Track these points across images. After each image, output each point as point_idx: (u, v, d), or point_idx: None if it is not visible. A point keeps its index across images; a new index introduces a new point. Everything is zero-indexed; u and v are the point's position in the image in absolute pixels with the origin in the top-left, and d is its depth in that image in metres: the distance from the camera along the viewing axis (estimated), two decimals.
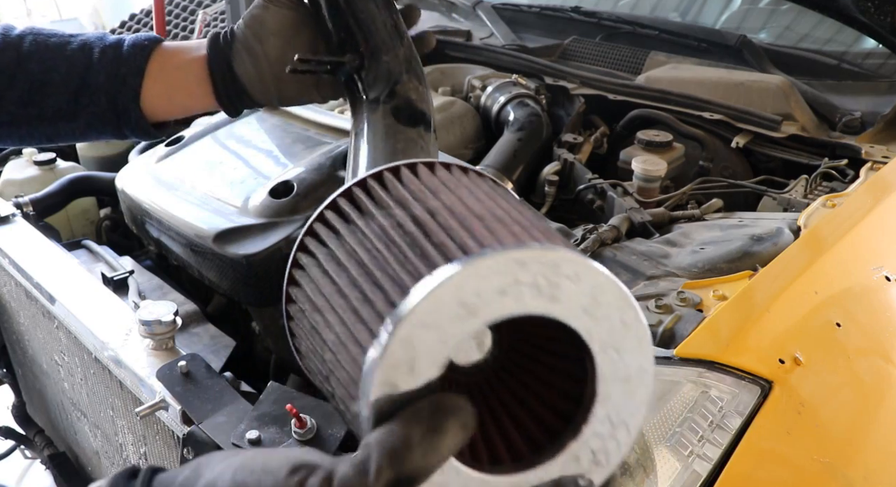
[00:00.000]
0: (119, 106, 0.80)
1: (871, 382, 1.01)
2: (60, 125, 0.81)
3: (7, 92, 0.79)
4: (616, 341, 0.44)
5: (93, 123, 0.82)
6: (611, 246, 1.21)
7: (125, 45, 0.81)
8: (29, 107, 0.80)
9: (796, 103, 1.63)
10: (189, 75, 0.82)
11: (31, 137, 0.83)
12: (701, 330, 0.92)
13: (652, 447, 0.76)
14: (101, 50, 0.81)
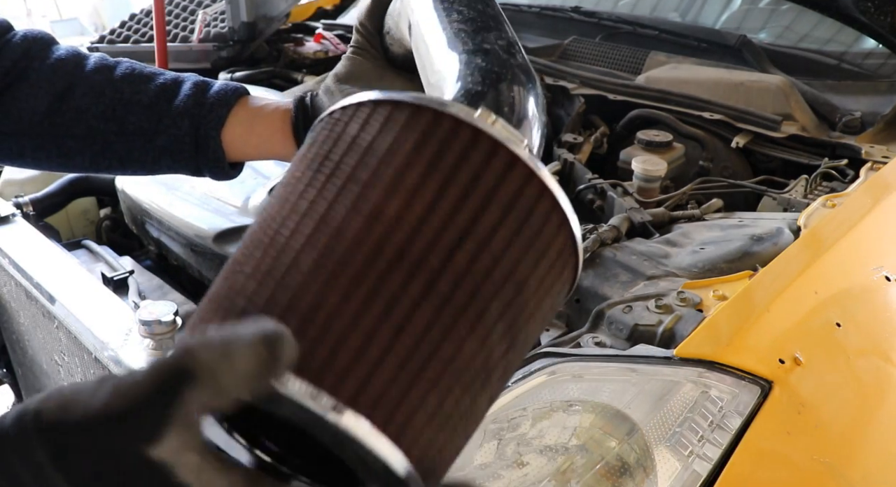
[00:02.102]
0: (200, 132, 0.80)
1: (871, 382, 1.01)
2: (136, 143, 0.80)
3: (92, 106, 0.79)
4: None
5: (169, 147, 0.80)
6: (611, 246, 1.21)
7: (217, 84, 0.82)
8: (110, 122, 0.79)
9: (796, 103, 1.63)
10: (272, 120, 0.82)
11: (103, 156, 0.81)
12: (701, 330, 0.92)
13: (652, 447, 0.76)
14: (194, 82, 0.82)
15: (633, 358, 0.90)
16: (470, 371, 0.35)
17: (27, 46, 0.81)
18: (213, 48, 2.13)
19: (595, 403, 0.81)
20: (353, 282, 0.34)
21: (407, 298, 0.34)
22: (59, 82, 0.79)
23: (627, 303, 1.04)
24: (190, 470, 0.32)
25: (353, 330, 0.33)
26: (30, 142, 0.80)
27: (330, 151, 0.38)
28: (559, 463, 0.75)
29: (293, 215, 0.37)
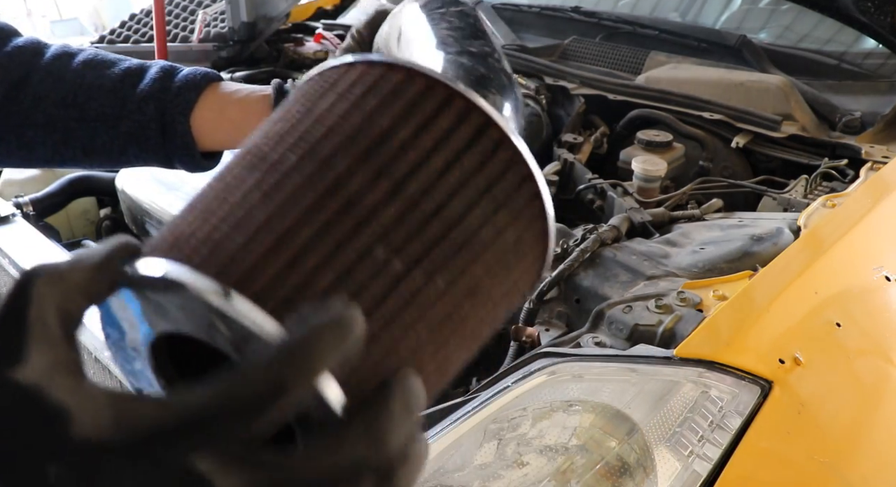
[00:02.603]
0: (167, 117, 0.75)
1: (871, 382, 1.01)
2: (99, 130, 0.76)
3: (51, 93, 0.75)
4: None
5: (135, 134, 0.76)
6: (611, 246, 1.21)
7: (186, 69, 0.78)
8: (70, 108, 0.75)
9: (796, 103, 1.63)
10: (245, 105, 0.77)
11: (66, 145, 0.77)
12: (701, 330, 0.92)
13: (652, 447, 0.76)
14: (161, 67, 0.77)
15: (633, 358, 0.90)
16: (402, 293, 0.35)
17: None
18: (213, 48, 2.13)
19: (595, 403, 0.81)
20: (287, 201, 0.34)
21: (343, 223, 0.34)
22: (16, 71, 0.76)
23: (627, 303, 1.04)
24: (62, 390, 0.30)
25: (277, 238, 0.33)
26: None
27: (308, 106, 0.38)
28: (559, 463, 0.74)
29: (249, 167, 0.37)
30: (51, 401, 0.30)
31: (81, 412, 0.30)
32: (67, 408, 0.30)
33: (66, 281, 0.31)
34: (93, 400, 0.30)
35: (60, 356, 0.31)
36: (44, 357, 0.30)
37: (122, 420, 0.30)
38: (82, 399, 0.30)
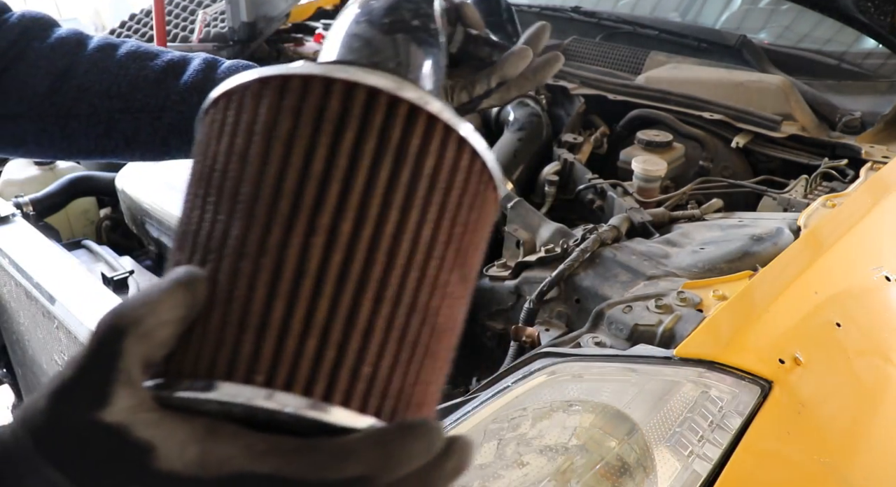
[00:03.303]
0: None
1: (871, 382, 1.01)
2: (143, 122, 0.75)
3: (95, 84, 0.75)
4: None
5: (177, 124, 0.76)
6: (611, 246, 1.21)
7: (228, 62, 0.78)
8: (114, 100, 0.75)
9: (796, 103, 1.63)
10: None
11: (109, 136, 0.77)
12: (701, 330, 0.92)
13: (652, 447, 0.76)
14: (204, 59, 0.77)
15: (633, 358, 0.90)
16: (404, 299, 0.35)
17: (25, 26, 0.77)
18: (213, 48, 2.13)
19: (595, 403, 0.81)
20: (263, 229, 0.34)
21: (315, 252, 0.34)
22: (60, 61, 0.76)
23: (627, 303, 1.04)
24: (146, 426, 0.32)
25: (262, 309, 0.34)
26: (31, 126, 0.76)
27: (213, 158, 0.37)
28: (559, 463, 0.75)
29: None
30: (135, 437, 0.32)
31: (166, 447, 0.32)
32: (152, 444, 0.32)
33: (153, 338, 0.33)
34: (177, 436, 0.32)
35: (144, 397, 0.33)
36: (129, 399, 0.32)
37: (208, 461, 0.32)
38: (167, 434, 0.32)
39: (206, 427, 0.32)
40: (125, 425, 0.32)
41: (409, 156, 0.35)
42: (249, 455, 0.32)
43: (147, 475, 0.32)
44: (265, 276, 0.33)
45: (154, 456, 0.32)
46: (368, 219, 0.34)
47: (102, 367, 0.32)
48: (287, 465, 0.32)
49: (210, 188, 0.36)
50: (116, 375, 0.32)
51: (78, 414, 0.32)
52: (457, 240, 0.37)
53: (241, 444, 0.32)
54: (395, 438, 0.33)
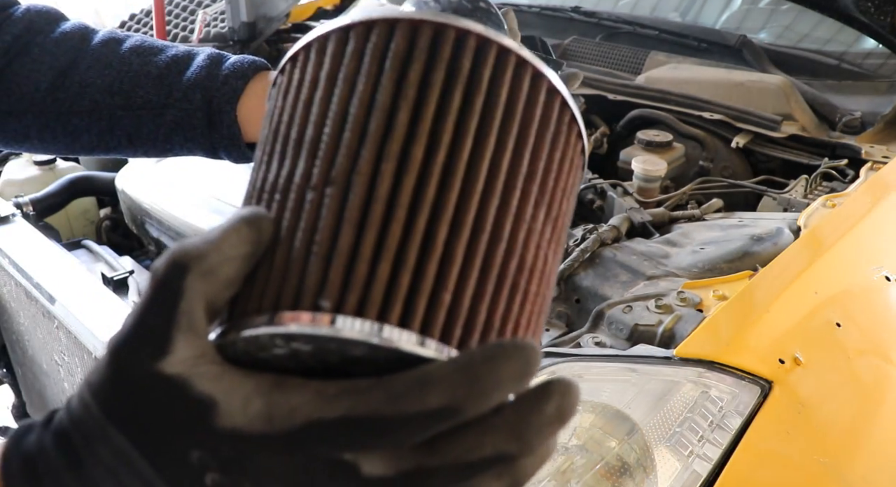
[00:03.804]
0: (213, 106, 0.73)
1: (871, 382, 1.01)
2: (145, 118, 0.74)
3: (97, 80, 0.74)
4: None
5: (180, 122, 0.74)
6: (611, 246, 1.21)
7: (233, 57, 0.76)
8: (116, 96, 0.74)
9: (796, 103, 1.63)
10: None
11: (111, 133, 0.76)
12: (701, 330, 0.92)
13: (652, 447, 0.77)
14: (208, 54, 0.76)
15: (633, 358, 0.90)
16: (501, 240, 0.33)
17: (30, 20, 0.76)
18: (212, 48, 2.13)
19: (595, 403, 0.81)
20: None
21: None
22: (63, 57, 0.75)
23: (627, 303, 1.04)
24: (208, 379, 0.30)
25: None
26: (34, 121, 0.75)
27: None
28: (559, 463, 0.75)
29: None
30: (196, 392, 0.30)
31: (229, 402, 0.29)
32: (214, 399, 0.30)
33: (217, 275, 0.31)
34: (240, 391, 0.30)
35: (206, 347, 0.31)
36: (190, 349, 0.30)
37: (275, 414, 0.29)
38: (229, 388, 0.30)
39: (272, 381, 0.30)
40: (185, 377, 0.30)
41: (481, 84, 0.33)
42: (319, 401, 0.29)
43: (209, 433, 0.29)
44: (332, 204, 0.31)
45: (216, 413, 0.29)
46: (441, 145, 0.32)
47: (163, 309, 0.30)
48: (360, 404, 0.28)
49: (275, 143, 0.35)
50: (177, 318, 0.30)
51: (137, 366, 0.30)
52: (540, 175, 0.35)
53: (309, 391, 0.29)
54: (481, 360, 0.28)
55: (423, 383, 0.28)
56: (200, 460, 0.30)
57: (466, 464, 0.29)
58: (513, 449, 0.29)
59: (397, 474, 0.29)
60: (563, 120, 0.36)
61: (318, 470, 0.29)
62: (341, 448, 0.29)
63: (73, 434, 0.32)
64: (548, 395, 0.30)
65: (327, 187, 0.32)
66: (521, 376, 0.29)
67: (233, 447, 0.29)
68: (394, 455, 0.29)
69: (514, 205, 0.33)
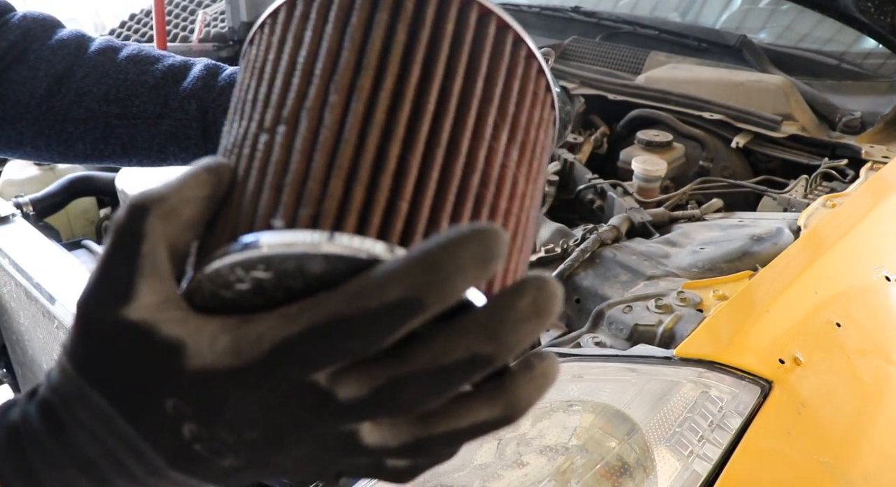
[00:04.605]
0: (209, 117, 0.74)
1: (871, 382, 1.01)
2: (140, 128, 0.75)
3: (93, 88, 0.74)
4: None
5: (175, 133, 0.74)
6: (611, 246, 1.22)
7: (229, 69, 0.76)
8: (112, 105, 0.74)
9: (796, 103, 1.63)
10: None
11: (106, 142, 0.76)
12: (701, 330, 0.93)
13: (652, 447, 0.77)
14: (205, 65, 0.76)
15: (633, 358, 0.90)
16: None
17: (27, 27, 0.76)
18: (212, 48, 2.13)
19: (595, 403, 0.81)
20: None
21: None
22: (59, 64, 0.75)
23: (627, 303, 1.04)
24: (173, 323, 0.29)
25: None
26: (28, 128, 0.75)
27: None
28: (559, 463, 0.75)
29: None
30: (163, 336, 0.29)
31: (196, 342, 0.29)
32: (181, 341, 0.29)
33: (178, 216, 0.31)
34: (207, 329, 0.29)
35: (171, 291, 0.30)
36: (154, 294, 0.30)
37: (241, 345, 0.29)
38: (195, 329, 0.29)
39: (238, 318, 0.30)
40: (151, 323, 0.29)
41: (426, 20, 0.34)
42: (283, 321, 0.28)
43: (179, 377, 0.29)
44: (284, 141, 0.32)
45: (185, 354, 0.29)
46: (388, 74, 0.32)
47: (124, 255, 0.30)
48: (321, 311, 0.28)
49: (237, 110, 0.35)
50: (139, 263, 0.30)
51: (102, 316, 0.30)
52: (497, 100, 0.35)
53: (273, 316, 0.29)
54: (437, 247, 0.27)
55: (380, 278, 0.27)
56: (176, 408, 0.30)
57: (439, 369, 0.28)
58: (487, 349, 0.28)
59: (371, 391, 0.29)
60: (518, 53, 0.37)
61: (293, 402, 0.29)
62: (311, 367, 0.28)
63: (53, 400, 0.32)
64: (521, 291, 0.28)
65: (278, 126, 0.32)
66: (484, 259, 0.27)
67: (205, 388, 0.29)
68: (365, 373, 0.29)
69: (469, 123, 0.33)
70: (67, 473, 0.31)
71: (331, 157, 0.31)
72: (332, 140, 0.31)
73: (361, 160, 0.31)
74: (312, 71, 0.33)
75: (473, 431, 0.31)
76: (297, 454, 0.31)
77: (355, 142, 0.31)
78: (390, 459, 0.32)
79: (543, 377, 0.31)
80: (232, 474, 0.32)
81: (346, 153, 0.31)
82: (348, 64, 0.33)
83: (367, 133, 0.31)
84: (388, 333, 0.27)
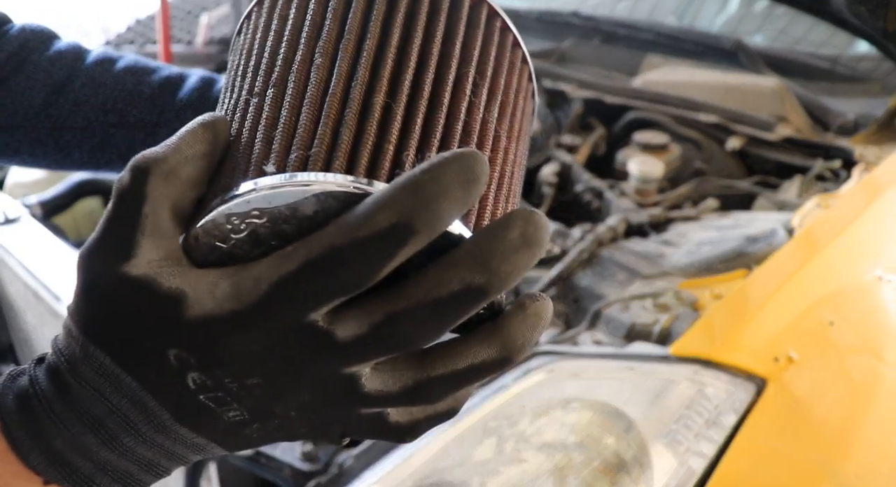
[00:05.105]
0: None
1: (863, 380, 1.02)
2: (137, 137, 0.76)
3: (91, 98, 0.76)
4: None
5: None
6: (608, 247, 1.23)
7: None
8: (110, 114, 0.75)
9: (791, 106, 1.64)
10: None
11: (103, 150, 0.77)
12: (697, 328, 0.94)
13: (648, 443, 0.78)
14: (201, 77, 0.77)
15: (631, 356, 0.91)
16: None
17: (25, 38, 0.77)
18: (216, 52, 2.14)
19: (593, 401, 0.82)
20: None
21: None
22: (58, 74, 0.76)
23: (625, 303, 1.05)
24: (174, 275, 0.30)
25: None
26: (26, 137, 0.76)
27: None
28: (557, 460, 0.75)
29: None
30: (164, 289, 0.30)
31: (196, 291, 0.30)
32: (182, 291, 0.30)
33: (179, 176, 0.31)
34: (206, 278, 0.30)
35: (173, 248, 0.31)
36: (156, 250, 0.30)
37: (240, 289, 0.29)
38: (195, 279, 0.30)
39: (236, 266, 0.30)
40: (152, 277, 0.30)
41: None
42: (279, 261, 0.29)
43: (182, 327, 0.30)
44: (274, 102, 0.33)
45: (186, 304, 0.29)
46: (371, 37, 0.35)
47: (127, 215, 0.31)
48: (315, 247, 0.28)
49: (227, 85, 0.38)
50: (141, 222, 0.30)
51: (104, 272, 0.31)
52: (474, 62, 0.37)
53: (270, 258, 0.29)
54: (421, 172, 0.27)
55: (369, 207, 0.28)
56: (178, 359, 0.30)
57: (435, 301, 0.28)
58: (480, 280, 0.28)
59: (370, 327, 0.29)
60: (493, 24, 0.39)
61: (293, 343, 0.30)
62: (309, 303, 0.29)
63: (59, 362, 0.32)
64: (509, 222, 0.29)
65: (268, 90, 0.34)
66: (467, 181, 0.28)
67: (206, 334, 0.30)
68: (362, 311, 0.29)
69: (449, 78, 0.35)
70: (75, 432, 0.32)
71: (318, 110, 0.32)
72: (318, 95, 0.33)
73: (348, 110, 0.32)
74: (298, 40, 0.35)
75: (472, 373, 0.31)
76: (299, 401, 0.31)
77: (341, 95, 0.33)
78: (392, 410, 0.33)
79: (536, 316, 0.31)
80: (237, 430, 0.32)
81: (332, 105, 0.32)
82: (331, 31, 0.35)
83: (352, 87, 0.33)
84: (382, 261, 0.28)
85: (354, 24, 0.35)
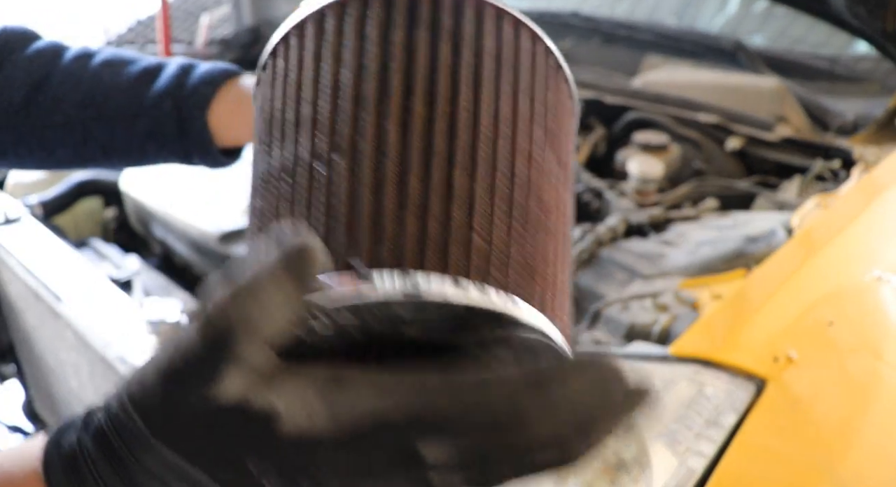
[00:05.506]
0: (183, 113, 0.74)
1: (863, 380, 1.02)
2: (118, 129, 0.76)
3: (69, 94, 0.76)
4: None
5: (152, 130, 0.75)
6: (608, 247, 1.23)
7: (204, 65, 0.77)
8: (88, 108, 0.75)
9: (790, 106, 1.65)
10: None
11: (86, 145, 0.77)
12: (696, 328, 0.94)
13: (648, 443, 0.78)
14: (179, 64, 0.77)
15: (630, 356, 0.92)
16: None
17: (5, 40, 0.77)
18: (217, 52, 2.14)
19: None
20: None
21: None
22: (36, 73, 0.76)
23: (624, 302, 1.05)
24: (265, 393, 0.29)
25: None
26: (9, 137, 0.77)
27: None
28: None
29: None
30: (256, 408, 0.29)
31: (290, 410, 0.29)
32: (275, 410, 0.29)
33: (260, 331, 0.30)
34: (299, 394, 0.29)
35: (261, 365, 0.30)
36: (243, 377, 0.30)
37: (338, 412, 0.29)
38: (288, 396, 0.29)
39: (327, 376, 0.30)
40: (244, 398, 0.29)
41: (465, 38, 0.34)
42: (380, 395, 0.29)
43: (275, 443, 0.29)
44: (344, 172, 0.31)
45: (279, 423, 0.29)
46: (439, 97, 0.32)
47: (216, 362, 0.30)
48: (423, 403, 0.29)
49: (272, 130, 0.35)
50: (230, 369, 0.30)
51: (192, 395, 0.30)
52: (540, 118, 0.35)
53: (367, 384, 0.29)
54: (556, 378, 0.27)
55: (490, 388, 0.28)
56: (259, 468, 0.30)
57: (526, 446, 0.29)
58: (569, 431, 0.29)
59: (462, 457, 0.29)
60: (548, 61, 0.37)
61: (383, 461, 0.29)
62: (406, 440, 0.29)
63: (113, 439, 0.32)
64: (637, 398, 0.29)
65: (334, 154, 0.32)
66: (601, 400, 0.28)
67: (298, 451, 0.30)
68: (458, 441, 0.29)
69: (524, 147, 0.33)
70: None
71: (399, 191, 0.30)
72: (397, 171, 0.31)
73: (430, 192, 0.30)
74: (361, 93, 0.33)
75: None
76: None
77: (421, 174, 0.31)
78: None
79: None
80: None
81: (413, 185, 0.30)
82: (397, 84, 0.32)
83: (431, 162, 0.31)
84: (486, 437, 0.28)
85: (420, 78, 0.33)
